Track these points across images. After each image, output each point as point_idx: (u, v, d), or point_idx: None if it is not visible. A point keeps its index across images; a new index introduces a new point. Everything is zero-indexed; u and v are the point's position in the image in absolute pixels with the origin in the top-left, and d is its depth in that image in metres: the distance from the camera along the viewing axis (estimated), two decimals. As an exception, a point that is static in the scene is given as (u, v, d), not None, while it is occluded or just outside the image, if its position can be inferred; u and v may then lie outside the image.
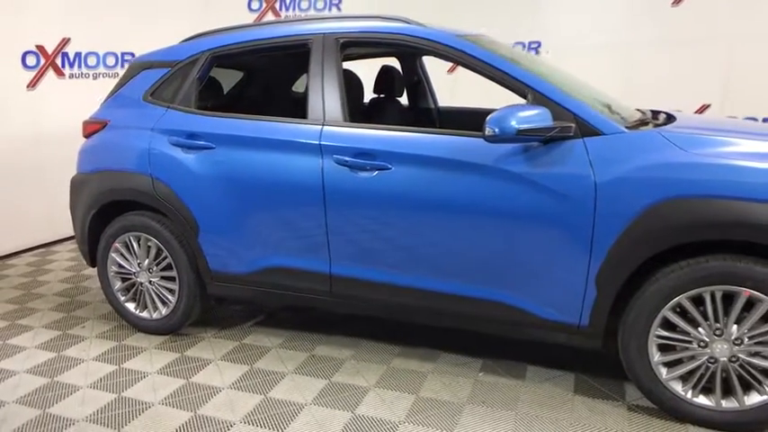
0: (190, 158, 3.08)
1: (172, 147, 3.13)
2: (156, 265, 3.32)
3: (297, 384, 2.86)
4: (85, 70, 5.41)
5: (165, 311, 3.35)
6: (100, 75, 5.51)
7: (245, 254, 3.09)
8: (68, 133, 3.81)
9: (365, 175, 2.72)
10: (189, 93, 3.20)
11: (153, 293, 3.37)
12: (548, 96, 2.48)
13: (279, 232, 2.98)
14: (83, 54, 5.37)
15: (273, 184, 2.91)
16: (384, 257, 2.80)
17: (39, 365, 3.12)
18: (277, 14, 6.28)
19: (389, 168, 2.68)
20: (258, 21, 6.18)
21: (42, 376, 3.01)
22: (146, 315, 3.42)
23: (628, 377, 2.52)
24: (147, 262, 3.34)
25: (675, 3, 5.07)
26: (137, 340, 3.38)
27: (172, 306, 3.32)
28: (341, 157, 2.76)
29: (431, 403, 2.67)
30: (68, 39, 5.24)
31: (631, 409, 2.57)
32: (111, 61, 5.57)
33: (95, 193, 3.37)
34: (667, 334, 2.37)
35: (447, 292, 2.71)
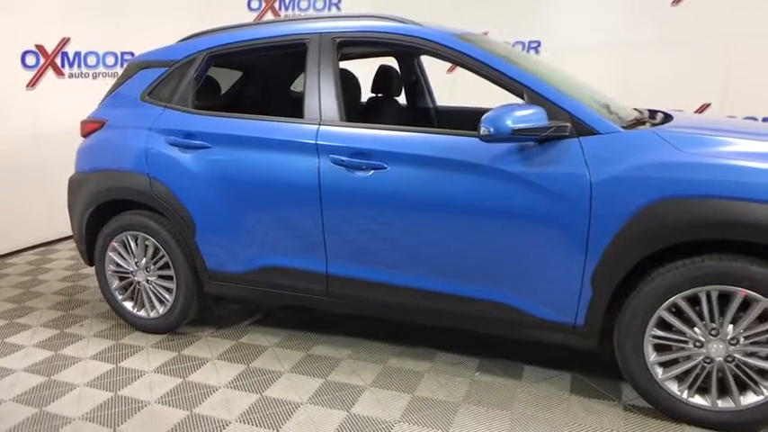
0: (187, 158, 3.08)
1: (169, 146, 3.13)
2: (154, 264, 3.33)
3: (293, 383, 2.86)
4: (85, 70, 5.42)
5: (162, 310, 3.36)
6: (99, 74, 5.52)
7: (241, 253, 3.09)
8: (68, 133, 3.83)
9: (361, 174, 2.72)
10: (186, 92, 3.20)
11: (150, 292, 3.37)
12: (543, 96, 2.48)
13: (275, 232, 2.98)
14: (82, 54, 5.38)
15: (270, 183, 2.91)
16: (380, 257, 2.80)
17: (36, 364, 3.13)
18: (276, 14, 6.29)
19: (385, 168, 2.67)
20: (257, 20, 6.18)
21: (40, 375, 3.01)
22: (143, 314, 3.42)
23: (624, 377, 2.51)
24: (144, 261, 3.34)
25: (675, 2, 5.07)
26: (134, 339, 3.39)
27: (169, 305, 3.32)
28: (337, 157, 2.76)
29: (426, 403, 2.67)
30: (68, 38, 5.25)
31: (627, 409, 2.57)
32: (110, 61, 5.58)
33: (93, 192, 3.37)
34: (663, 334, 2.36)
35: (444, 291, 2.71)
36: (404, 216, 2.68)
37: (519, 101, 2.54)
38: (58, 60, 5.21)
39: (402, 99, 4.05)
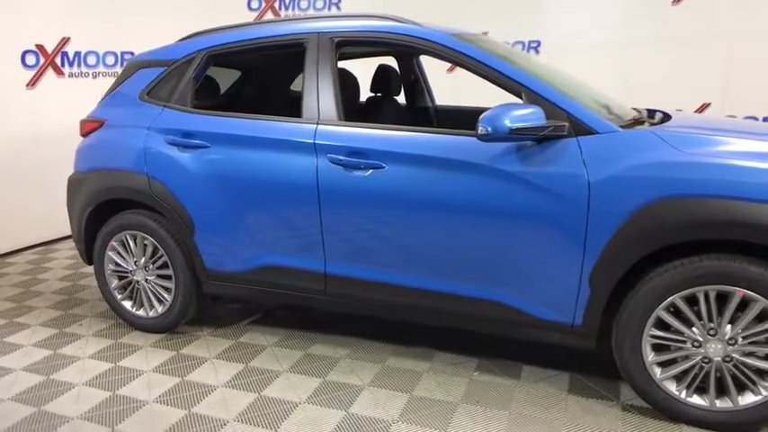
0: (185, 157, 3.08)
1: (168, 146, 3.13)
2: (153, 264, 3.33)
3: (291, 383, 2.86)
4: (85, 69, 5.42)
5: (161, 310, 3.36)
6: (100, 74, 5.52)
7: (240, 252, 3.09)
8: (68, 132, 3.84)
9: (359, 173, 2.72)
10: (185, 92, 3.20)
11: (149, 292, 3.37)
12: (541, 95, 2.47)
13: (274, 231, 2.98)
14: (82, 53, 5.38)
15: (268, 183, 2.91)
16: (379, 257, 2.80)
17: (35, 363, 3.13)
18: (276, 14, 6.29)
19: (383, 167, 2.67)
20: (257, 20, 6.18)
21: (38, 374, 3.02)
22: (142, 313, 3.42)
23: (622, 377, 2.51)
24: (143, 260, 3.34)
25: (675, 1, 5.06)
26: (133, 338, 3.39)
27: (168, 304, 3.33)
28: (335, 156, 2.76)
29: (424, 402, 2.66)
30: (68, 38, 5.26)
31: (625, 408, 2.57)
32: (110, 60, 5.58)
33: (92, 191, 3.38)
34: (661, 334, 2.36)
35: (442, 291, 2.71)
36: (402, 215, 2.68)
37: (518, 101, 2.53)
38: (58, 60, 5.21)
39: (401, 99, 4.04)
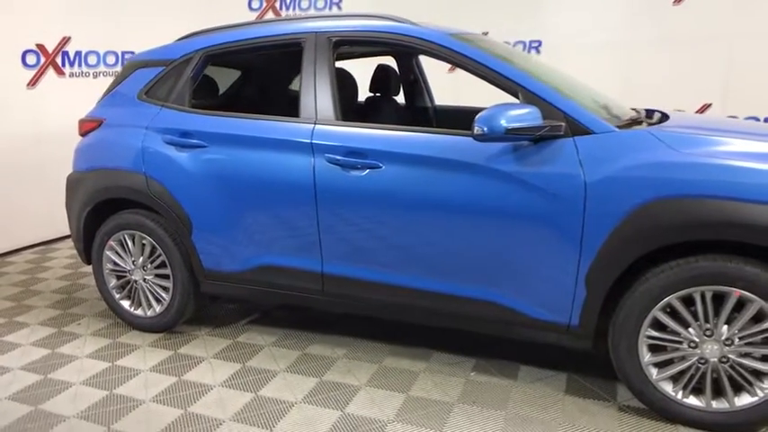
0: (183, 157, 3.09)
1: (165, 145, 3.14)
2: (151, 263, 3.33)
3: (288, 383, 2.86)
4: (86, 69, 5.43)
5: (159, 309, 3.36)
6: (100, 73, 5.53)
7: (237, 252, 3.09)
8: (68, 132, 3.85)
9: (356, 173, 2.72)
10: (183, 91, 3.20)
11: (147, 291, 3.38)
12: (538, 95, 2.47)
13: (271, 231, 2.98)
14: (83, 53, 5.39)
15: (265, 182, 2.91)
16: (376, 256, 2.79)
17: (33, 362, 3.14)
18: (277, 13, 6.29)
19: (380, 167, 2.67)
20: (258, 20, 6.18)
21: (36, 373, 3.02)
22: (140, 313, 3.43)
23: (619, 378, 2.50)
24: (141, 260, 3.34)
25: (676, 2, 5.05)
26: (131, 338, 3.39)
27: (166, 304, 3.33)
28: (332, 156, 2.76)
29: (421, 402, 2.66)
30: (69, 37, 5.27)
31: (622, 409, 2.56)
32: (111, 60, 5.59)
33: (90, 191, 3.38)
34: (657, 334, 2.35)
35: (438, 291, 2.71)
36: (398, 215, 2.68)
37: (516, 101, 2.53)
38: (58, 59, 5.22)
39: (401, 98, 4.04)
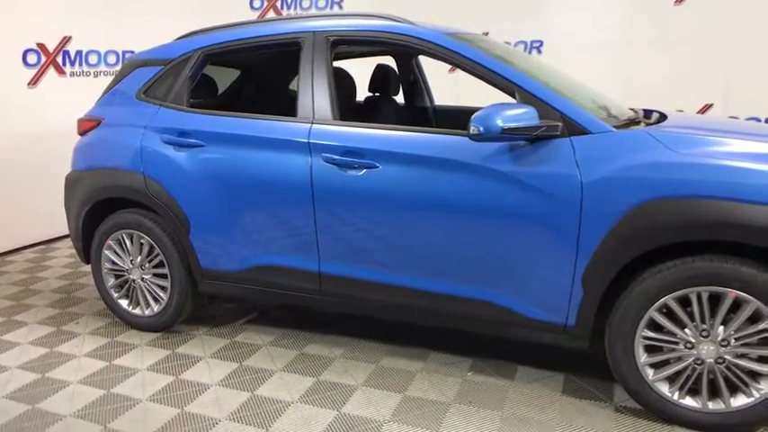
0: (181, 156, 3.09)
1: (164, 145, 3.14)
2: (149, 263, 3.33)
3: (285, 382, 2.86)
4: (86, 68, 5.44)
5: (157, 308, 3.37)
6: (101, 73, 5.54)
7: (235, 251, 3.09)
8: (69, 131, 3.86)
9: (353, 173, 2.72)
10: (181, 91, 3.21)
11: (145, 290, 3.38)
12: (535, 95, 2.46)
13: (268, 230, 2.98)
14: (84, 52, 5.40)
15: (263, 182, 2.91)
16: (373, 256, 2.79)
17: (31, 361, 3.14)
18: (278, 13, 6.29)
19: (377, 167, 2.67)
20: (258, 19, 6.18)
21: (34, 372, 3.03)
22: (138, 312, 3.43)
23: (615, 378, 2.50)
24: (139, 259, 3.35)
25: (678, 2, 5.04)
26: (129, 337, 3.39)
27: (164, 303, 3.33)
28: (329, 156, 2.76)
29: (417, 402, 2.66)
30: (69, 37, 5.27)
31: (618, 410, 2.55)
32: (112, 59, 5.60)
33: (89, 190, 3.39)
34: (654, 335, 2.34)
35: (435, 290, 2.70)
36: (395, 215, 2.67)
37: (513, 101, 2.53)
38: (59, 59, 5.23)
39: (400, 98, 4.04)
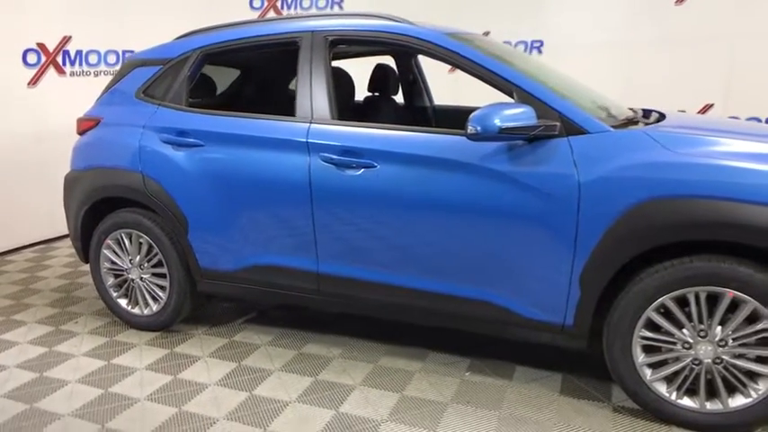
0: (180, 156, 3.09)
1: (162, 144, 3.14)
2: (148, 262, 3.34)
3: (283, 382, 2.86)
4: (86, 68, 5.45)
5: (155, 308, 3.37)
6: (101, 72, 5.54)
7: (234, 251, 3.09)
8: (69, 131, 3.87)
9: (351, 173, 2.72)
10: (180, 90, 3.21)
11: (144, 290, 3.38)
12: (532, 94, 2.46)
13: (267, 230, 2.98)
14: (84, 52, 5.40)
15: (261, 181, 2.91)
16: (371, 256, 2.79)
17: (29, 360, 3.14)
18: (279, 12, 6.29)
19: (375, 167, 2.67)
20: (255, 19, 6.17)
21: (32, 371, 3.03)
22: (137, 311, 3.43)
23: (613, 378, 2.49)
24: (138, 259, 3.35)
25: (678, 1, 5.03)
26: (128, 336, 3.40)
27: (162, 303, 3.33)
28: (327, 155, 2.75)
29: (415, 402, 2.66)
30: (69, 37, 5.28)
31: (616, 410, 2.55)
32: (112, 59, 5.60)
33: (88, 189, 3.39)
34: (651, 335, 2.34)
35: (433, 290, 2.70)
36: (393, 215, 2.67)
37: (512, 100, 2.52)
38: (59, 59, 5.23)
39: (400, 98, 4.03)
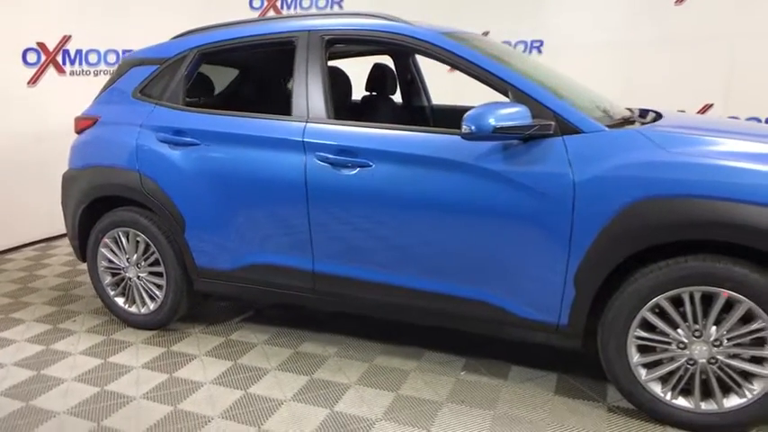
0: (176, 155, 3.10)
1: (159, 143, 3.15)
2: (145, 261, 3.34)
3: (278, 380, 2.86)
4: (86, 67, 5.45)
5: (152, 306, 3.37)
6: (101, 72, 5.54)
7: (230, 250, 3.09)
8: (69, 130, 3.88)
9: (347, 172, 2.72)
10: (177, 90, 3.21)
11: (141, 288, 3.39)
12: (527, 94, 2.46)
13: (263, 229, 2.98)
14: (84, 51, 5.41)
15: (257, 180, 2.91)
16: (366, 255, 2.79)
17: (27, 358, 3.15)
18: (278, 12, 6.29)
19: (370, 166, 2.67)
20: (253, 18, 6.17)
21: (29, 369, 3.04)
22: (134, 310, 3.44)
23: (608, 378, 2.49)
24: (135, 257, 3.36)
25: (678, 1, 5.02)
26: (125, 335, 3.40)
27: (159, 301, 3.34)
28: (323, 155, 2.76)
29: (410, 401, 2.66)
30: (69, 36, 5.29)
31: (611, 410, 2.55)
32: (112, 58, 5.61)
33: (85, 188, 3.40)
34: (646, 335, 2.34)
35: (428, 289, 2.70)
36: (388, 214, 2.67)
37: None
38: (59, 58, 5.24)
39: (398, 98, 4.03)
